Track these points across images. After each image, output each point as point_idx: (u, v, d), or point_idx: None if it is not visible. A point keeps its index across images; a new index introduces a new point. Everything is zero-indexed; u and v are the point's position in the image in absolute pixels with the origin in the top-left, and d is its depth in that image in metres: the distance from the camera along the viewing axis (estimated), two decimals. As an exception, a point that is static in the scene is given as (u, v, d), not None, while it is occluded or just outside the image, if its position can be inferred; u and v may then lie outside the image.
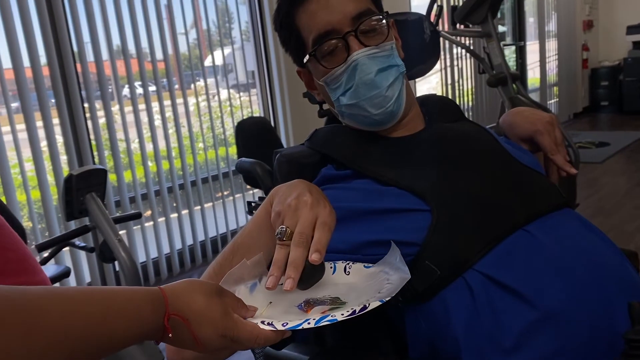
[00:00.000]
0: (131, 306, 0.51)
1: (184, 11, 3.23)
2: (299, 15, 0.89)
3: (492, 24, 3.00)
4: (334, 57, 0.87)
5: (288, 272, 0.61)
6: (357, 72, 0.86)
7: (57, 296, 0.47)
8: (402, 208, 0.80)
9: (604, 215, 3.45)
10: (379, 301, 0.61)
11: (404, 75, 0.90)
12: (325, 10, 0.86)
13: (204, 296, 0.56)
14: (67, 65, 2.69)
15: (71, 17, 2.71)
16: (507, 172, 0.86)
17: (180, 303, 0.54)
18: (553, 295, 0.70)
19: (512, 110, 1.02)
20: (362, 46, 0.85)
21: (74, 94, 2.72)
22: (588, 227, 0.83)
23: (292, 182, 0.72)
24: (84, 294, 0.49)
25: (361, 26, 0.86)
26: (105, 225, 1.69)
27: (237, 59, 3.70)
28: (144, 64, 3.04)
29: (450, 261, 0.75)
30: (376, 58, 0.86)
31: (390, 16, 0.96)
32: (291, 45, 0.94)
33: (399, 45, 0.93)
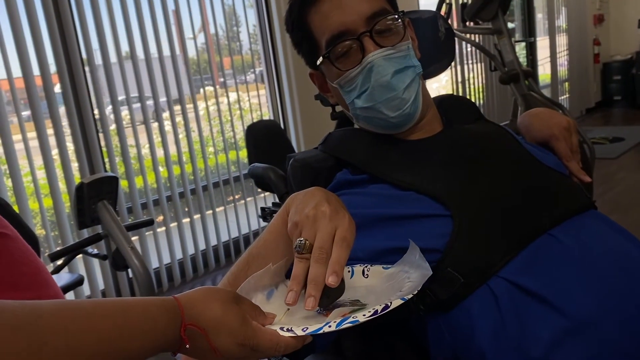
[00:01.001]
0: (146, 319, 0.49)
1: (191, 16, 3.22)
2: (312, 16, 0.87)
3: (502, 21, 2.96)
4: (349, 59, 0.85)
5: (309, 291, 0.58)
6: (372, 74, 0.83)
7: (69, 312, 0.45)
8: (422, 213, 0.77)
9: (620, 212, 3.39)
10: (401, 299, 0.58)
11: (420, 76, 0.87)
12: (338, 11, 0.83)
13: (221, 304, 0.54)
14: (76, 72, 2.69)
15: (79, 24, 2.71)
16: (530, 174, 0.83)
17: (196, 312, 0.52)
18: (583, 302, 0.67)
19: (531, 112, 0.99)
20: (378, 47, 0.83)
21: (84, 101, 2.72)
22: (615, 229, 0.80)
23: (309, 190, 0.70)
24: (97, 309, 0.47)
25: (376, 26, 0.83)
26: (117, 233, 1.68)
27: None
28: (154, 69, 3.03)
29: (474, 268, 0.72)
30: (392, 59, 0.83)
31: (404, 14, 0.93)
32: (304, 47, 0.92)
33: (416, 45, 0.90)
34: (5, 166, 2.50)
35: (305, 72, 0.97)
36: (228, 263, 3.40)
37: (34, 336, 0.41)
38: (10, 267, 0.58)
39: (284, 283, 0.69)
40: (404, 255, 0.70)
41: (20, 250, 0.61)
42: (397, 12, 0.86)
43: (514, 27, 6.24)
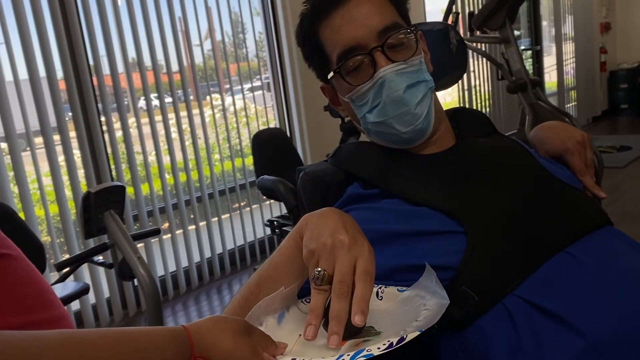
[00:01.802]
0: (154, 351, 0.48)
1: (198, 23, 3.23)
2: (323, 30, 0.86)
3: (510, 30, 2.95)
4: (360, 74, 0.84)
5: (332, 328, 0.56)
6: (384, 89, 0.82)
7: (75, 344, 0.43)
8: (435, 230, 0.76)
9: (629, 222, 3.37)
10: (417, 331, 0.57)
11: (432, 91, 0.86)
12: (349, 25, 0.82)
13: (232, 335, 0.52)
14: (83, 78, 2.69)
15: (87, 31, 2.72)
16: (545, 189, 0.82)
17: (206, 344, 0.51)
18: (602, 322, 0.66)
19: (544, 125, 0.98)
20: (390, 62, 0.82)
21: (91, 108, 2.73)
22: (633, 246, 0.78)
23: (323, 211, 0.67)
24: (103, 340, 0.46)
25: (388, 40, 0.82)
26: (124, 243, 1.67)
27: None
28: (160, 76, 3.03)
29: (489, 286, 0.71)
30: (404, 74, 0.82)
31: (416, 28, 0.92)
32: (314, 61, 0.91)
33: (428, 59, 0.89)
34: (12, 173, 2.50)
35: (311, 81, 0.96)
36: (233, 271, 3.39)
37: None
38: (13, 289, 0.57)
39: (296, 305, 0.68)
40: (420, 279, 0.68)
41: (24, 271, 0.60)
42: (410, 26, 0.85)
43: (519, 34, 6.23)
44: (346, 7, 0.83)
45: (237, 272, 3.39)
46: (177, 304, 3.05)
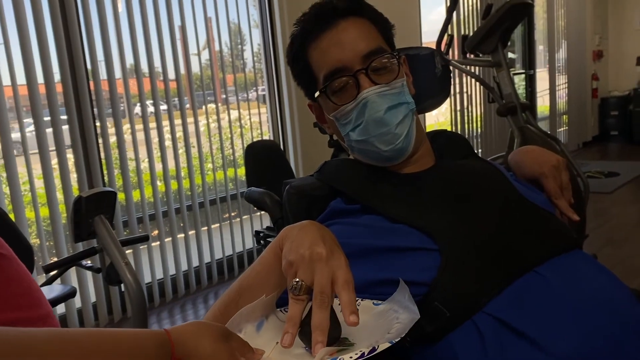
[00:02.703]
0: (137, 352, 0.50)
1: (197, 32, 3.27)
2: (311, 51, 0.90)
3: (502, 54, 3.01)
4: (344, 94, 0.88)
5: (315, 337, 0.58)
6: (366, 109, 0.86)
7: (62, 344, 0.46)
8: (411, 247, 0.79)
9: (613, 247, 3.42)
10: (388, 342, 0.59)
11: (414, 112, 0.90)
12: (336, 48, 0.87)
13: (211, 341, 0.55)
14: (80, 83, 2.72)
15: (86, 36, 2.75)
16: (518, 211, 0.85)
17: (187, 348, 0.53)
18: (567, 341, 0.69)
19: (522, 149, 1.02)
20: (373, 84, 0.86)
21: (86, 112, 2.75)
22: (599, 269, 0.82)
23: (303, 224, 0.70)
24: (90, 338, 0.48)
25: (372, 64, 0.86)
26: (112, 248, 1.69)
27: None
28: (156, 83, 3.07)
29: (459, 303, 0.74)
30: (386, 96, 0.86)
31: (401, 51, 0.97)
32: (302, 80, 0.95)
33: (410, 82, 0.94)
34: (5, 174, 2.52)
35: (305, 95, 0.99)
36: (221, 281, 3.40)
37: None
38: (4, 287, 0.59)
39: (274, 314, 0.71)
40: (394, 294, 0.71)
41: (14, 270, 0.63)
42: (393, 51, 0.90)
43: (515, 57, 6.33)
44: (334, 31, 0.88)
45: (224, 282, 3.40)
46: (163, 311, 3.06)
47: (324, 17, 0.89)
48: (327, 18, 0.89)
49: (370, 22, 0.90)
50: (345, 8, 0.89)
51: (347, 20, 0.88)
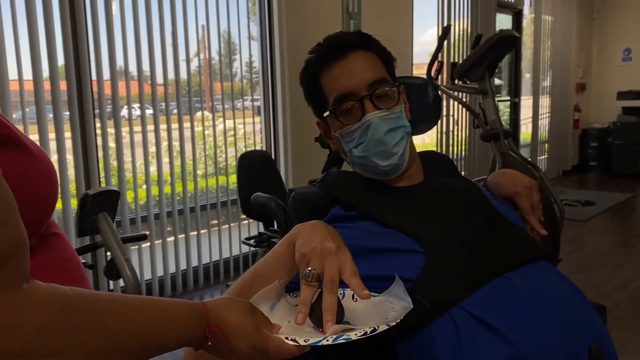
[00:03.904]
0: (180, 317, 0.61)
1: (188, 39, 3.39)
2: (324, 77, 1.04)
3: (489, 82, 3.17)
4: (351, 115, 1.01)
5: (326, 316, 0.70)
6: (369, 130, 1.00)
7: (123, 303, 0.57)
8: (401, 249, 0.92)
9: (586, 272, 3.57)
10: (386, 325, 0.71)
11: (409, 135, 1.03)
12: (346, 76, 1.00)
13: (240, 313, 0.65)
14: (84, 82, 2.80)
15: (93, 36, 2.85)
16: (493, 224, 0.98)
17: (220, 317, 0.64)
18: (528, 335, 0.82)
19: (499, 172, 1.16)
20: (376, 109, 0.99)
21: (88, 113, 2.83)
22: (561, 279, 0.95)
23: (313, 223, 0.82)
24: (144, 303, 0.59)
25: (376, 92, 1.00)
26: (114, 244, 1.79)
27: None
28: (156, 88, 3.17)
29: (439, 298, 0.87)
30: (386, 119, 1.00)
31: (399, 79, 1.10)
32: (313, 100, 1.08)
33: (407, 108, 1.07)
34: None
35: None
36: (206, 285, 3.48)
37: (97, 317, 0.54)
38: (61, 262, 0.69)
39: (284, 297, 0.82)
40: (390, 288, 0.83)
41: (68, 248, 0.73)
42: (395, 81, 1.03)
43: (501, 83, 6.54)
44: (345, 61, 1.01)
45: (210, 287, 3.48)
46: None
47: (337, 48, 1.02)
48: (339, 49, 1.02)
49: (376, 55, 1.04)
50: (355, 42, 1.02)
51: (357, 53, 1.02)
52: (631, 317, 2.81)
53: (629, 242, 4.35)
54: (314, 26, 3.84)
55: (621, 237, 4.55)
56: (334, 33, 1.05)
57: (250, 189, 3.02)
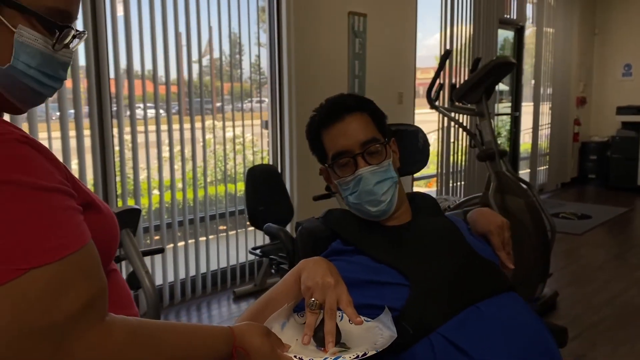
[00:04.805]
0: (213, 340, 0.78)
1: (200, 40, 3.57)
2: (324, 134, 1.23)
3: (485, 105, 3.35)
4: (346, 169, 1.20)
5: (327, 338, 0.87)
6: (361, 182, 1.19)
7: (171, 329, 0.75)
8: (390, 282, 1.10)
9: (576, 286, 3.73)
10: (374, 351, 0.89)
11: (396, 184, 1.21)
12: (343, 136, 1.20)
13: (259, 336, 0.83)
14: (103, 83, 2.97)
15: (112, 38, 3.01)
16: (468, 262, 1.16)
17: (243, 340, 0.81)
18: (491, 355, 0.99)
19: (477, 210, 1.33)
20: (367, 164, 1.18)
21: (106, 115, 3.00)
22: (525, 308, 1.12)
23: (316, 259, 1.00)
24: (187, 329, 0.76)
25: (367, 149, 1.19)
26: (135, 258, 1.97)
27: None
28: (170, 88, 3.34)
29: (420, 325, 1.04)
30: (376, 173, 1.19)
31: (394, 125, 1.28)
32: (317, 152, 1.27)
33: (397, 157, 1.25)
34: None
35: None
36: (214, 291, 3.66)
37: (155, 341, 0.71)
38: (119, 293, 0.87)
39: (293, 317, 0.99)
40: (380, 316, 1.00)
41: (122, 280, 0.90)
42: (385, 139, 1.21)
43: (506, 89, 6.69)
44: (342, 123, 1.20)
45: (217, 293, 3.66)
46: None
47: (336, 111, 1.21)
48: (338, 112, 1.21)
49: (369, 116, 1.22)
50: (352, 105, 1.21)
51: (352, 115, 1.20)
52: (617, 329, 2.97)
53: (621, 256, 4.50)
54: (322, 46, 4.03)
55: (614, 251, 4.70)
56: (335, 96, 1.24)
57: (256, 199, 3.21)
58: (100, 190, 3.03)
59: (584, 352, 2.71)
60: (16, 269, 0.59)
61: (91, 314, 0.64)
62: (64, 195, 0.67)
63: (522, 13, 6.43)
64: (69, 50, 0.77)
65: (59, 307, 0.61)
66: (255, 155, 3.98)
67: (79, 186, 0.76)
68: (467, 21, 5.43)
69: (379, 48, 4.50)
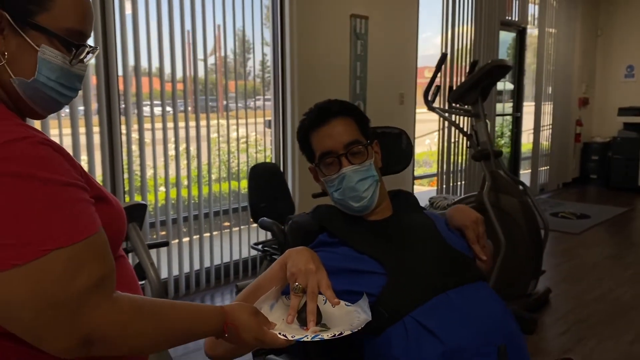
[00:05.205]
0: (208, 317, 0.90)
1: (205, 40, 3.69)
2: (312, 136, 1.35)
3: (481, 107, 3.45)
4: (331, 167, 1.32)
5: (309, 317, 0.99)
6: (344, 180, 1.30)
7: (171, 306, 0.86)
8: (369, 270, 1.21)
9: (568, 283, 3.83)
10: (350, 331, 1.00)
11: (377, 182, 1.32)
12: (328, 138, 1.32)
13: (248, 315, 0.94)
14: (112, 81, 3.09)
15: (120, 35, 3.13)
16: (440, 254, 1.27)
17: (234, 317, 0.93)
18: (456, 337, 1.11)
19: (454, 207, 1.44)
20: (350, 164, 1.30)
21: (115, 113, 3.13)
22: (492, 297, 1.23)
23: (299, 249, 1.11)
24: (184, 307, 0.88)
25: (350, 150, 1.30)
26: (141, 250, 2.09)
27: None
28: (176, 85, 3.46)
29: (395, 309, 1.16)
30: (358, 172, 1.30)
31: (379, 128, 1.40)
32: (306, 152, 1.39)
33: (379, 157, 1.37)
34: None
35: None
36: (217, 285, 3.79)
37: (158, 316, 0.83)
38: (126, 275, 0.98)
39: (281, 299, 1.11)
40: (359, 301, 1.11)
41: (128, 265, 1.02)
42: (367, 141, 1.33)
43: (512, 88, 6.76)
44: (328, 126, 1.32)
45: (220, 286, 3.79)
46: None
47: (323, 115, 1.33)
48: (325, 116, 1.33)
49: (353, 120, 1.33)
50: (337, 110, 1.33)
51: (337, 119, 1.32)
52: (604, 325, 3.07)
53: (617, 256, 4.59)
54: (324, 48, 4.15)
55: (610, 250, 4.79)
56: (323, 101, 1.36)
57: (259, 196, 3.33)
58: (109, 187, 3.16)
59: (571, 346, 2.82)
60: (42, 250, 0.72)
61: (102, 290, 0.76)
62: (79, 189, 0.79)
63: (524, 15, 6.51)
64: (84, 64, 0.90)
65: (75, 283, 0.73)
66: (258, 154, 4.11)
67: (91, 181, 0.88)
68: (468, 23, 5.52)
69: (380, 49, 4.61)
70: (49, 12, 0.81)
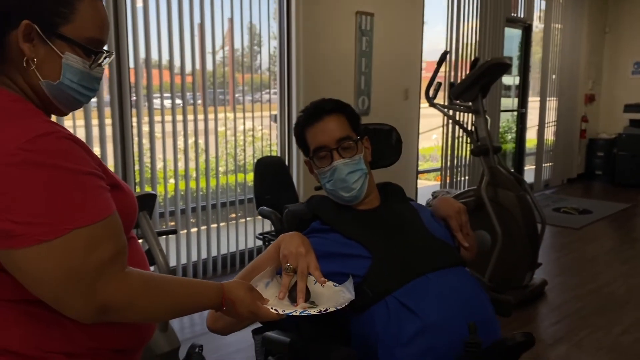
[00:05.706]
0: (208, 291, 1.02)
1: (213, 31, 3.81)
2: (307, 132, 1.47)
3: (481, 103, 3.54)
4: (324, 160, 1.44)
5: (299, 295, 1.11)
6: (336, 172, 1.42)
7: (176, 281, 0.99)
8: (356, 254, 1.34)
9: (565, 276, 3.92)
10: (335, 308, 1.12)
11: (366, 174, 1.44)
12: (321, 134, 1.43)
13: (244, 291, 1.06)
14: (123, 73, 3.22)
15: (132, 29, 3.26)
16: (422, 241, 1.39)
17: (231, 293, 1.04)
18: (432, 314, 1.23)
19: (440, 198, 1.56)
20: (341, 157, 1.42)
21: (126, 106, 3.26)
22: (470, 280, 1.35)
23: (292, 234, 1.23)
24: (189, 283, 1.01)
25: (341, 145, 1.42)
26: (151, 237, 2.23)
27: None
28: (185, 78, 3.59)
29: (378, 289, 1.28)
30: (348, 165, 1.42)
31: (371, 125, 1.52)
32: (301, 146, 1.51)
33: (369, 152, 1.49)
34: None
35: None
36: (224, 274, 3.93)
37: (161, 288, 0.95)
38: (136, 254, 1.11)
39: (276, 278, 1.23)
40: (345, 282, 1.23)
41: (138, 245, 1.14)
42: (357, 136, 1.45)
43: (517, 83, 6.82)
44: (321, 122, 1.44)
45: (227, 275, 3.93)
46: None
47: (317, 112, 1.45)
48: (318, 113, 1.44)
49: (344, 116, 1.45)
50: (330, 108, 1.45)
51: (330, 116, 1.43)
52: (596, 317, 3.17)
53: (615, 250, 4.67)
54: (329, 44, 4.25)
55: (609, 245, 4.87)
56: (317, 100, 1.48)
57: (264, 189, 3.46)
58: (120, 178, 3.30)
59: (562, 335, 2.92)
60: (64, 228, 0.84)
61: (115, 265, 0.89)
62: (97, 178, 0.92)
63: (530, 12, 6.56)
64: (101, 68, 1.02)
65: (93, 258, 0.86)
66: (265, 148, 4.23)
67: (107, 171, 1.00)
68: (474, 19, 5.60)
69: (385, 46, 4.71)
70: (72, 23, 0.94)
